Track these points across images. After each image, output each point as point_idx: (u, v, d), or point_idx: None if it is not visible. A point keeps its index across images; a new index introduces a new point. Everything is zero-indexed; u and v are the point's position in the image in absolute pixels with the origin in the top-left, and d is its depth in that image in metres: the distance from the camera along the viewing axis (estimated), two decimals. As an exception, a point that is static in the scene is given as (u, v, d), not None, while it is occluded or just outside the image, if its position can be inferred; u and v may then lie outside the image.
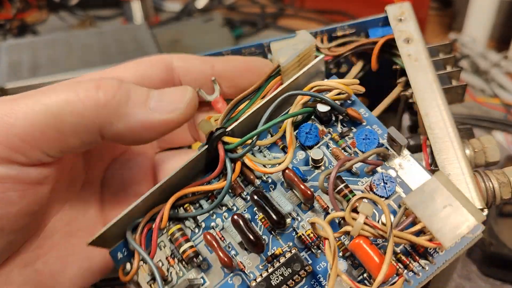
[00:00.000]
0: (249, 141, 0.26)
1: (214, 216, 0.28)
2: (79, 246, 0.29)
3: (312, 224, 0.24)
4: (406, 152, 0.27)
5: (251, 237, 0.25)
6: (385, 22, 0.37)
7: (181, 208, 0.28)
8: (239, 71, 0.30)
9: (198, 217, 0.28)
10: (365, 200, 0.23)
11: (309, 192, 0.25)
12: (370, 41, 0.37)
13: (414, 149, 0.39)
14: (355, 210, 0.24)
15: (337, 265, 0.22)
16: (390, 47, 0.37)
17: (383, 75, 0.40)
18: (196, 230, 0.28)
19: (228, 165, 0.26)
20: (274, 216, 0.25)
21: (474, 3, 0.80)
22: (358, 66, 0.39)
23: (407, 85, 0.37)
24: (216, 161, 0.27)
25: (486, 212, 0.27)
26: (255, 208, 0.27)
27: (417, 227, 0.22)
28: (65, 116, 0.23)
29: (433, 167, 0.32)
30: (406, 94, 0.37)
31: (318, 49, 0.38)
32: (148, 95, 0.25)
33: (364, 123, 0.28)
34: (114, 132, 0.25)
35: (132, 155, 0.34)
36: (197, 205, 0.28)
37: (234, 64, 0.30)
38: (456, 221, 0.21)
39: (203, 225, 0.28)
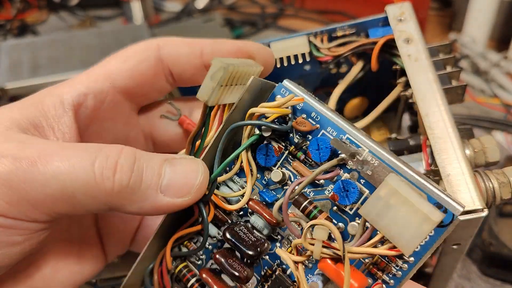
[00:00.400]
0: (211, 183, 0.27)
1: (210, 246, 0.30)
2: (72, 251, 0.30)
3: (280, 253, 0.25)
4: (366, 153, 0.25)
5: (232, 271, 0.26)
6: (385, 22, 0.37)
7: (183, 246, 0.30)
8: (231, 55, 0.30)
9: (199, 253, 0.30)
10: (318, 226, 0.23)
11: (274, 221, 0.26)
12: (370, 41, 0.37)
13: (414, 149, 0.39)
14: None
15: (306, 286, 0.23)
16: (390, 47, 0.37)
17: (383, 75, 0.40)
18: (200, 263, 0.30)
19: (202, 212, 0.27)
20: (247, 251, 0.26)
21: (474, 3, 0.80)
22: (358, 66, 0.39)
23: (407, 85, 0.37)
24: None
25: (486, 212, 0.27)
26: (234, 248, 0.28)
27: (377, 238, 0.22)
28: (79, 195, 0.24)
29: (433, 167, 0.32)
30: (406, 94, 0.37)
31: (319, 49, 0.38)
32: (160, 175, 0.25)
33: (317, 128, 0.26)
34: (124, 211, 0.25)
35: None
36: (195, 239, 0.30)
37: (226, 49, 0.30)
38: (414, 226, 0.20)
39: (204, 256, 0.30)
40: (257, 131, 0.27)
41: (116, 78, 0.29)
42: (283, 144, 0.27)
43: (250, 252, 0.26)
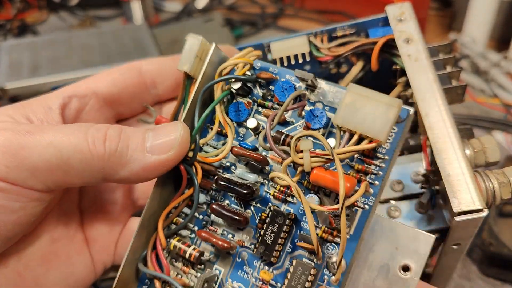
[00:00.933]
0: (193, 145, 0.29)
1: (201, 216, 0.30)
2: (61, 251, 0.31)
3: (273, 179, 0.27)
4: (319, 82, 0.28)
5: (232, 215, 0.28)
6: (385, 22, 0.37)
7: (172, 224, 0.31)
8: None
9: (188, 224, 0.30)
10: (304, 138, 0.26)
11: (260, 156, 0.28)
12: (370, 41, 0.37)
13: (414, 149, 0.39)
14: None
15: (306, 202, 0.25)
16: (390, 47, 0.37)
17: (383, 75, 0.40)
18: (193, 235, 0.30)
19: (190, 171, 0.29)
20: (242, 191, 0.28)
21: (474, 3, 0.80)
22: (358, 66, 0.39)
23: (407, 85, 0.37)
24: (179, 176, 0.30)
25: (486, 212, 0.27)
26: (228, 192, 0.29)
27: (355, 137, 0.25)
28: (74, 162, 0.26)
29: (433, 167, 0.32)
30: (406, 94, 0.37)
31: (319, 48, 0.38)
32: (144, 138, 0.28)
33: (278, 78, 0.30)
34: (117, 178, 0.27)
35: None
36: (183, 215, 0.31)
37: None
38: (381, 115, 0.24)
39: (196, 228, 0.30)
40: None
41: (99, 85, 0.33)
42: (251, 100, 0.30)
43: (245, 191, 0.28)
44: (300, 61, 0.39)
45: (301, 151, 0.25)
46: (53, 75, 0.77)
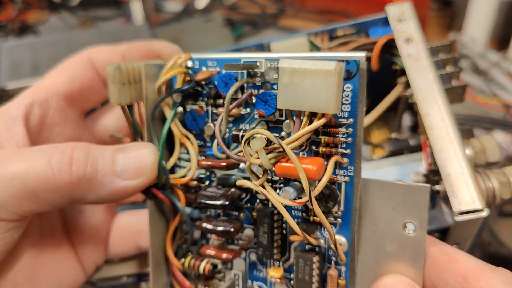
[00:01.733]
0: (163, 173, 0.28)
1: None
2: (47, 263, 0.31)
3: (240, 186, 0.26)
4: (261, 64, 0.26)
5: (221, 229, 0.27)
6: (385, 22, 0.37)
7: (180, 241, 0.31)
8: (142, 56, 0.33)
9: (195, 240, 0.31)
10: (255, 136, 0.24)
11: (225, 163, 0.27)
12: (370, 41, 0.37)
13: (414, 149, 0.39)
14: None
15: (277, 200, 0.24)
16: (390, 47, 0.37)
17: (383, 75, 0.40)
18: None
19: (170, 197, 0.29)
20: (220, 204, 0.27)
21: (474, 3, 0.80)
22: (358, 66, 0.39)
23: (407, 85, 0.37)
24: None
25: (486, 212, 0.27)
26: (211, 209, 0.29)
27: (305, 118, 0.23)
28: (41, 192, 0.25)
29: (433, 167, 0.32)
30: (406, 94, 0.37)
31: (319, 48, 0.38)
32: (114, 161, 0.27)
33: (218, 71, 0.28)
34: (86, 201, 0.27)
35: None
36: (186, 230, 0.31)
37: (137, 51, 0.33)
38: (322, 86, 0.21)
39: (204, 241, 0.31)
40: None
41: (57, 86, 0.32)
42: (203, 102, 0.29)
43: (220, 202, 0.27)
44: (300, 61, 0.39)
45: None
46: (53, 75, 0.77)
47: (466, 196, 0.28)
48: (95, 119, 0.35)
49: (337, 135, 0.24)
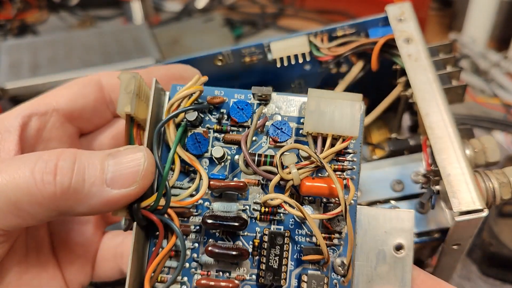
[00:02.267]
0: (164, 191, 0.27)
1: (187, 263, 0.28)
2: (33, 282, 0.29)
3: (265, 202, 0.26)
4: (274, 95, 0.28)
5: (232, 252, 0.26)
6: (385, 22, 0.37)
7: (158, 283, 0.28)
8: (164, 80, 0.31)
9: (178, 278, 0.28)
10: (286, 153, 0.26)
11: (241, 183, 0.27)
12: (370, 41, 0.37)
13: (414, 149, 0.39)
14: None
15: (309, 215, 0.25)
16: (390, 47, 0.37)
17: (383, 75, 0.39)
18: (185, 286, 0.28)
19: (167, 221, 0.27)
20: (235, 224, 0.26)
21: (474, 3, 0.80)
22: (358, 66, 0.39)
23: (407, 85, 0.37)
24: (153, 224, 0.27)
25: (486, 212, 0.27)
26: (218, 229, 0.28)
27: (329, 140, 0.26)
28: (24, 205, 0.24)
29: (433, 167, 0.32)
30: (406, 94, 0.37)
31: (319, 48, 0.38)
32: (103, 169, 0.25)
33: (226, 100, 0.29)
34: (75, 213, 0.25)
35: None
36: (167, 269, 0.28)
37: (157, 75, 0.31)
38: (347, 113, 0.26)
39: (186, 279, 0.28)
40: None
41: (60, 102, 0.31)
42: (206, 128, 0.29)
43: (238, 223, 0.26)
44: (300, 61, 0.39)
45: (286, 167, 0.26)
46: (53, 75, 0.77)
47: (466, 196, 0.28)
48: (91, 137, 0.34)
49: (344, 163, 0.27)
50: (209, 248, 0.26)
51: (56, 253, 0.32)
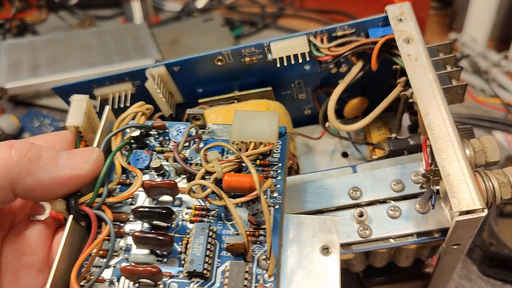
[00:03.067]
0: (101, 190, 0.29)
1: (118, 265, 0.28)
2: None
3: (190, 190, 0.28)
4: (210, 125, 0.32)
5: (156, 236, 0.27)
6: (385, 22, 0.37)
7: (86, 280, 0.28)
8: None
9: (107, 277, 0.28)
10: (210, 150, 0.29)
11: (172, 182, 0.29)
12: (370, 41, 0.37)
13: (414, 149, 0.39)
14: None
15: (229, 200, 0.27)
16: (390, 47, 0.36)
17: (383, 75, 0.39)
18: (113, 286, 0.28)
19: (100, 214, 0.28)
20: (162, 211, 0.28)
21: (474, 3, 0.80)
22: (358, 66, 0.39)
23: (407, 85, 0.37)
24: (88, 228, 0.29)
25: (486, 212, 0.27)
26: (146, 219, 0.29)
27: (251, 146, 0.29)
28: None
29: (433, 167, 0.32)
30: (406, 94, 0.37)
31: (319, 48, 0.38)
32: (58, 154, 0.27)
33: (167, 125, 0.32)
34: (25, 187, 0.26)
35: (30, 223, 0.32)
36: (95, 269, 0.28)
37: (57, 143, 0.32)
38: (267, 124, 0.29)
39: (114, 277, 0.28)
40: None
41: None
42: (151, 150, 0.32)
43: (164, 210, 0.28)
44: (300, 61, 0.39)
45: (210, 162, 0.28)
46: (52, 75, 0.77)
47: (466, 196, 0.28)
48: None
49: (269, 172, 0.30)
50: (135, 234, 0.27)
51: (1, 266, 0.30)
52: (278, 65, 0.39)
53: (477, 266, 0.52)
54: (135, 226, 0.29)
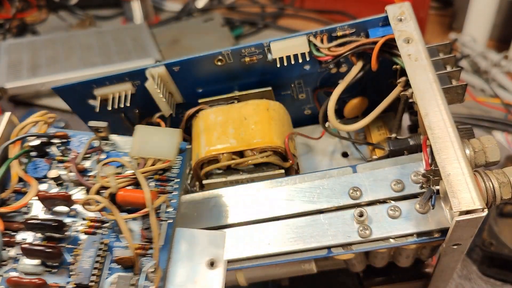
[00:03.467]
0: None
1: (1, 271, 0.28)
2: None
3: (85, 203, 0.28)
4: (111, 135, 0.33)
5: (44, 248, 0.27)
6: (385, 22, 0.37)
7: None
8: None
9: None
10: (105, 167, 0.30)
11: (67, 194, 0.29)
12: (370, 41, 0.37)
13: (414, 149, 0.39)
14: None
15: (120, 216, 0.28)
16: (390, 47, 0.36)
17: (383, 75, 0.39)
18: None
19: None
20: (52, 223, 0.28)
21: (474, 3, 0.80)
22: (358, 66, 0.39)
23: (407, 85, 0.37)
24: None
25: (486, 212, 0.27)
26: (38, 231, 0.29)
27: (150, 162, 0.30)
28: None
29: (433, 167, 0.32)
30: (406, 94, 0.37)
31: (319, 48, 0.38)
32: None
33: (72, 133, 0.33)
34: None
35: None
36: None
37: None
38: (167, 142, 0.30)
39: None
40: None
41: None
42: (52, 159, 0.32)
43: (55, 223, 0.28)
44: (300, 61, 0.39)
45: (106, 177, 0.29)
46: (52, 75, 0.77)
47: (466, 196, 0.28)
48: None
49: (165, 188, 0.31)
50: (23, 245, 0.27)
51: None
52: (278, 65, 0.39)
53: (477, 266, 0.52)
54: (28, 235, 0.29)
